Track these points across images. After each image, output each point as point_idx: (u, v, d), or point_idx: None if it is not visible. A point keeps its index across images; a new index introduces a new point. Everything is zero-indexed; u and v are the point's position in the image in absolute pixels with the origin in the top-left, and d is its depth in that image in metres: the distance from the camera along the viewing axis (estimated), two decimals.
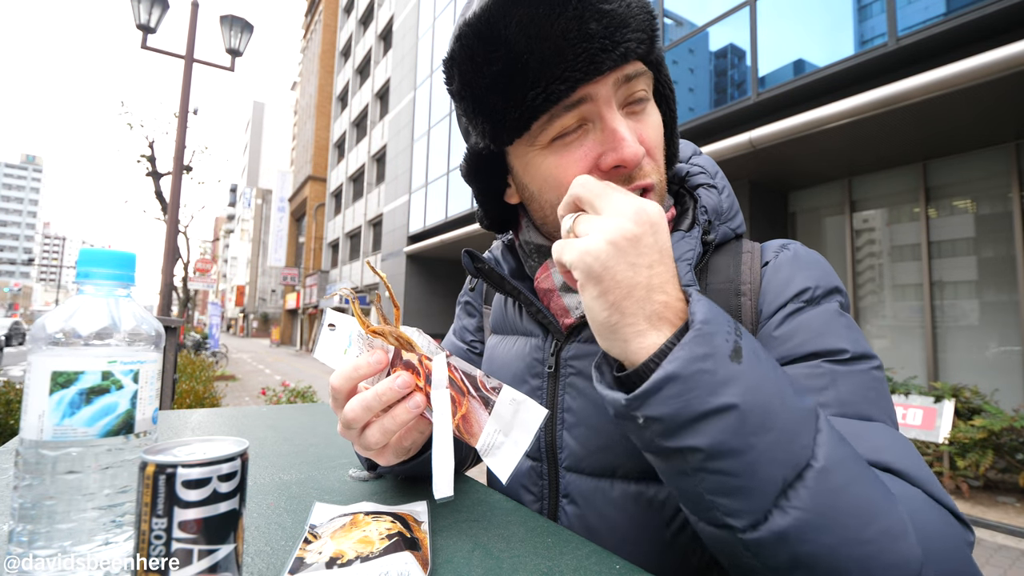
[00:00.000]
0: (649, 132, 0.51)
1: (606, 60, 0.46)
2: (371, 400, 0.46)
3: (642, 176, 0.51)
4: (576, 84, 0.47)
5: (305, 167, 36.67)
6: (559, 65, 0.46)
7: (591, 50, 0.46)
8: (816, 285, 0.52)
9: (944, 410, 4.38)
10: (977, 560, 2.41)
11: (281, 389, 6.57)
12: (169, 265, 6.62)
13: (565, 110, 0.49)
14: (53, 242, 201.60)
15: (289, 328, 40.25)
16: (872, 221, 6.65)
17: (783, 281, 0.54)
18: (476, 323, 0.79)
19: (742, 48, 6.46)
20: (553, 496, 0.57)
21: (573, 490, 0.55)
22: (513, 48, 0.47)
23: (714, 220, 0.58)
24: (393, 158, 19.14)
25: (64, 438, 0.36)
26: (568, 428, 0.56)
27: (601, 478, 0.54)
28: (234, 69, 6.86)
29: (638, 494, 0.52)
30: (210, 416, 1.05)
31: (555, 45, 0.46)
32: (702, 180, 0.62)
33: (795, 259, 0.56)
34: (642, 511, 0.52)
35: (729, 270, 0.56)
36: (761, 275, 0.55)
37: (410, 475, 0.63)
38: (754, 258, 0.57)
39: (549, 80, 0.47)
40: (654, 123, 0.52)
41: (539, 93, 0.47)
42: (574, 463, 0.55)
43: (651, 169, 0.52)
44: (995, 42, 4.28)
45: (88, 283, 0.39)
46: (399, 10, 20.01)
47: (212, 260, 33.10)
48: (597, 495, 0.54)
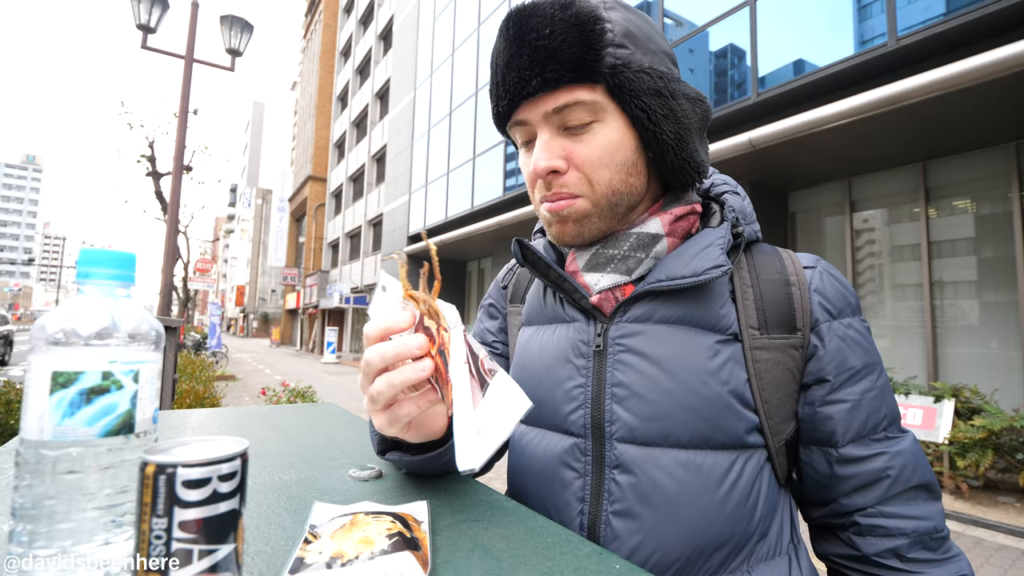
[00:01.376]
0: (583, 150, 0.58)
1: (527, 87, 0.56)
2: (387, 350, 0.47)
3: (562, 186, 0.59)
4: (515, 104, 0.59)
5: (305, 167, 36.67)
6: (503, 86, 0.59)
7: (522, 77, 0.56)
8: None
9: (944, 410, 4.38)
10: (977, 560, 2.45)
11: (281, 389, 6.57)
12: (169, 265, 6.62)
13: (515, 125, 0.61)
14: (53, 242, 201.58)
15: (289, 328, 40.25)
16: (872, 221, 6.65)
17: (838, 291, 0.63)
18: (499, 324, 0.81)
19: (742, 48, 6.46)
20: (598, 470, 0.59)
21: (625, 460, 0.58)
22: (492, 68, 0.61)
23: (741, 219, 0.65)
24: (393, 158, 19.14)
25: (64, 438, 0.36)
26: (619, 401, 0.59)
27: (653, 447, 0.57)
28: (234, 69, 6.86)
29: (688, 461, 0.56)
30: (210, 416, 1.05)
31: (503, 70, 0.59)
32: (726, 189, 0.68)
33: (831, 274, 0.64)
34: (692, 477, 0.56)
35: (776, 264, 0.63)
36: (807, 275, 0.62)
37: (420, 471, 0.63)
38: (792, 257, 0.64)
39: (499, 96, 0.60)
40: (596, 143, 0.58)
41: (501, 104, 0.60)
42: (627, 434, 0.58)
43: (576, 182, 0.59)
44: (995, 42, 4.28)
45: (88, 283, 0.39)
46: (399, 10, 20.02)
47: (212, 260, 33.11)
48: (648, 463, 0.57)
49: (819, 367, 0.60)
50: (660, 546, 0.55)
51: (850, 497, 0.59)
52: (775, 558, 0.59)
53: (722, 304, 0.60)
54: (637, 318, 0.61)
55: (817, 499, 0.63)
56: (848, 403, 0.58)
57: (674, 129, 0.59)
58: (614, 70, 0.55)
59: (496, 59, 0.60)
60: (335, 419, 1.04)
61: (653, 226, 0.63)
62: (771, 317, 0.60)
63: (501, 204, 11.68)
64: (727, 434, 0.57)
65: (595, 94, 0.57)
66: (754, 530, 0.57)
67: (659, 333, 0.59)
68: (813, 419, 0.60)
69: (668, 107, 0.58)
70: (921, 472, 0.59)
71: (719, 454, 0.57)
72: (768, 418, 0.58)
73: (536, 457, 0.64)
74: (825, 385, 0.59)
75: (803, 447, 0.62)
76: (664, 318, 0.60)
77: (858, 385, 0.59)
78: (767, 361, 0.59)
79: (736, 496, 0.56)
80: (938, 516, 0.58)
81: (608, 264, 0.63)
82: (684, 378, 0.57)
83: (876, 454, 0.58)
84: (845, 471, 0.59)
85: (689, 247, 0.61)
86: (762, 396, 0.58)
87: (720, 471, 0.56)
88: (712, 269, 0.57)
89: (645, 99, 0.57)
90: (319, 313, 28.98)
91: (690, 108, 0.61)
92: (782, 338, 0.60)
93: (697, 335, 0.59)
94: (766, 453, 0.60)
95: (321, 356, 24.42)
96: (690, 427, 0.56)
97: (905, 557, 0.56)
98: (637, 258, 0.62)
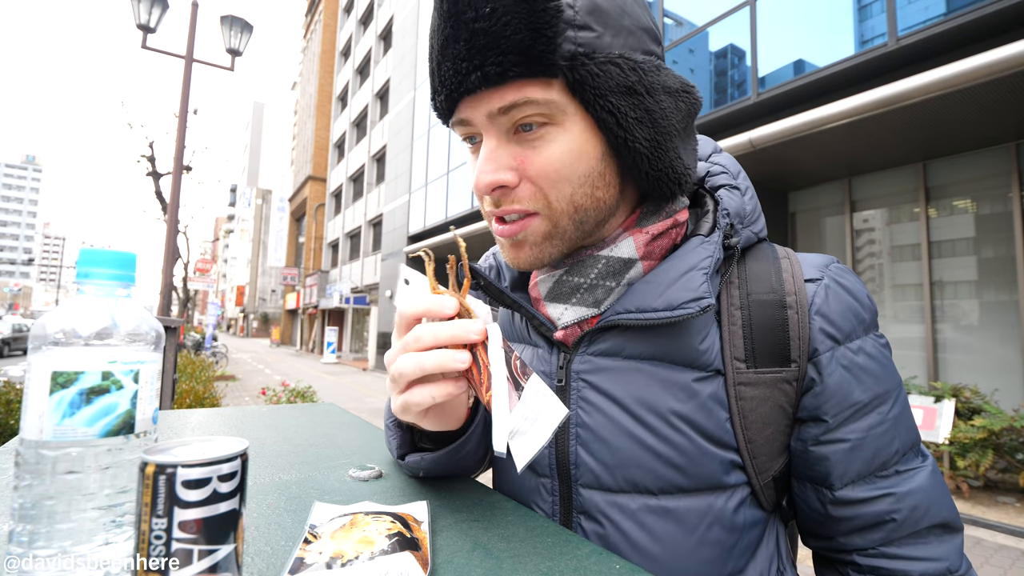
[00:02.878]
0: (536, 160, 0.48)
1: (465, 83, 0.46)
2: (442, 331, 0.43)
3: (511, 202, 0.50)
4: (453, 100, 0.48)
5: (305, 167, 36.66)
6: (438, 77, 0.48)
7: (459, 70, 0.46)
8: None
9: (944, 410, 4.38)
10: (977, 560, 2.45)
11: (281, 389, 6.57)
12: (169, 265, 6.62)
13: (457, 124, 0.51)
14: (53, 242, 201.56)
15: (289, 328, 40.24)
16: (872, 221, 6.65)
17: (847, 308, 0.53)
18: None
19: (742, 48, 6.46)
20: (565, 512, 0.54)
21: (590, 507, 0.53)
22: (428, 49, 0.50)
23: (736, 224, 0.55)
24: (393, 158, 19.13)
25: (64, 438, 0.36)
26: (583, 444, 0.53)
27: (620, 493, 0.52)
28: (234, 69, 6.86)
29: (658, 506, 0.51)
30: (210, 416, 1.05)
31: (438, 56, 0.48)
32: (723, 181, 0.59)
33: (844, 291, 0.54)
34: (662, 523, 0.51)
35: (771, 279, 0.54)
36: (808, 291, 0.53)
37: (441, 470, 0.59)
38: (793, 266, 0.54)
39: (435, 89, 0.49)
40: (550, 152, 0.48)
41: (438, 99, 0.50)
42: (591, 480, 0.53)
43: (529, 196, 0.49)
44: (995, 42, 4.28)
45: (88, 283, 0.39)
46: (399, 10, 20.01)
47: (212, 260, 33.10)
48: (615, 511, 0.52)
49: (815, 404, 0.51)
50: None
51: (848, 537, 0.52)
52: None
53: (703, 337, 0.52)
54: (603, 351, 0.53)
55: (811, 532, 0.56)
56: (848, 443, 0.50)
57: (649, 135, 0.48)
58: (573, 61, 0.45)
59: (432, 38, 0.49)
60: (335, 419, 1.04)
61: (625, 248, 0.53)
62: (760, 347, 0.52)
63: None
64: (702, 480, 0.51)
65: (550, 92, 0.46)
66: (729, 571, 0.51)
67: (626, 371, 0.52)
68: (806, 457, 0.52)
69: (643, 107, 0.47)
70: (935, 512, 0.50)
71: (694, 498, 0.51)
72: (753, 457, 0.52)
73: (511, 483, 0.61)
74: (821, 425, 0.51)
75: (796, 481, 0.55)
76: (634, 354, 0.52)
77: (862, 422, 0.51)
78: (753, 399, 0.51)
79: (712, 538, 0.50)
80: (953, 555, 0.50)
81: (573, 294, 0.55)
82: (653, 423, 0.50)
83: (880, 496, 0.50)
84: (841, 513, 0.51)
85: (666, 270, 0.52)
86: (746, 436, 0.51)
87: (695, 516, 0.50)
88: (690, 303, 0.48)
89: (613, 99, 0.46)
90: (319, 313, 28.99)
91: (671, 105, 0.50)
92: (772, 372, 0.51)
93: (672, 373, 0.51)
94: (749, 489, 0.53)
95: (321, 356, 24.41)
96: (659, 475, 0.50)
97: None
98: (606, 287, 0.54)
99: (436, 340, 0.43)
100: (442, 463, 0.57)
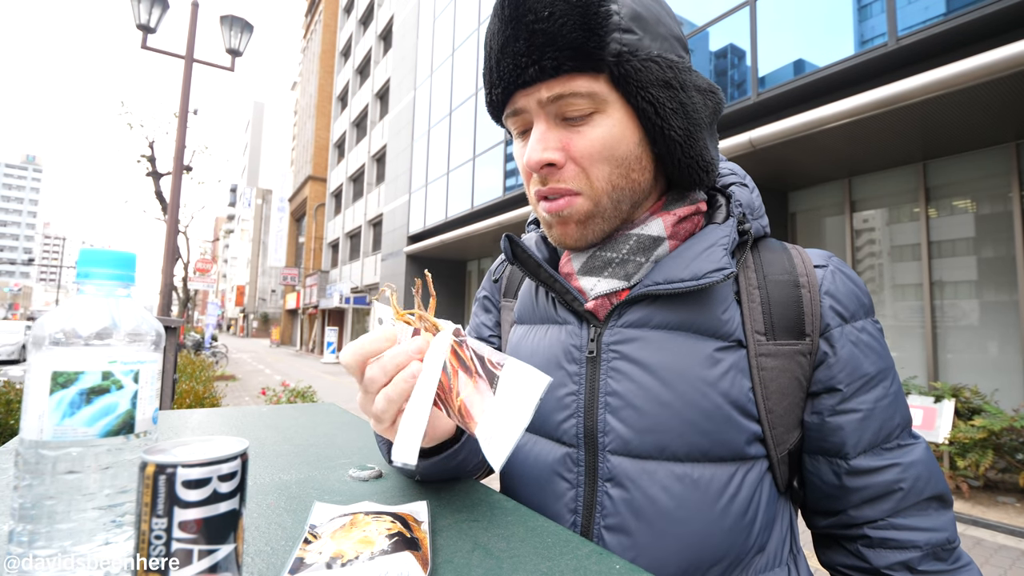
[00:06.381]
0: (580, 143, 0.54)
1: (524, 75, 0.53)
2: (386, 362, 0.47)
3: (558, 181, 0.56)
4: (509, 92, 0.55)
5: (305, 167, 36.66)
6: (497, 72, 0.55)
7: (518, 64, 0.53)
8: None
9: (944, 410, 4.38)
10: (977, 560, 2.45)
11: (281, 389, 6.58)
12: (169, 265, 6.62)
13: (512, 115, 0.57)
14: (53, 242, 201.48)
15: (289, 328, 40.23)
16: (872, 221, 6.65)
17: (851, 292, 0.59)
18: (494, 319, 0.78)
19: (742, 48, 6.46)
20: (591, 482, 0.56)
21: (619, 473, 0.55)
22: (486, 51, 0.57)
23: (748, 215, 0.61)
24: (393, 158, 19.13)
25: (64, 438, 0.36)
26: (613, 411, 0.56)
27: (648, 460, 0.54)
28: (234, 69, 6.86)
29: (684, 474, 0.54)
30: (210, 416, 1.05)
31: (498, 55, 0.55)
32: (734, 180, 0.65)
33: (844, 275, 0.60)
34: (688, 491, 0.53)
35: (784, 263, 0.60)
36: (818, 275, 0.59)
37: (435, 476, 0.60)
38: (802, 254, 0.61)
39: (493, 84, 0.56)
40: (593, 136, 0.54)
41: (495, 92, 0.56)
42: (620, 446, 0.55)
43: (573, 176, 0.55)
44: (995, 42, 4.28)
45: (88, 283, 0.39)
46: (399, 10, 20.01)
47: (212, 260, 33.10)
48: (643, 477, 0.54)
49: (829, 375, 0.56)
50: (654, 563, 0.53)
51: (859, 509, 0.56)
52: (773, 569, 0.57)
53: (725, 308, 0.57)
54: (633, 323, 0.57)
55: (823, 509, 0.60)
56: (860, 412, 0.56)
57: (683, 124, 0.54)
58: (619, 58, 0.51)
59: (490, 41, 0.56)
60: (335, 419, 1.04)
61: (655, 227, 0.59)
62: (778, 322, 0.57)
63: (501, 204, 11.68)
64: (727, 447, 0.54)
65: (597, 84, 0.52)
66: (752, 544, 0.55)
67: (656, 339, 0.56)
68: (821, 429, 0.57)
69: (678, 100, 0.54)
70: (934, 483, 0.56)
71: (717, 467, 0.54)
72: (772, 428, 0.56)
73: (528, 464, 0.62)
74: (836, 394, 0.56)
75: (809, 456, 0.59)
76: (662, 323, 0.57)
77: (871, 393, 0.56)
78: (773, 369, 0.56)
79: (735, 510, 0.54)
80: (950, 526, 0.56)
81: (605, 268, 0.60)
82: (682, 389, 0.54)
83: (888, 465, 0.55)
84: (855, 483, 0.56)
85: (690, 247, 0.57)
86: (766, 406, 0.55)
87: (718, 484, 0.54)
88: (714, 272, 0.54)
89: (652, 91, 0.53)
90: (319, 313, 28.97)
91: (701, 101, 0.56)
92: (790, 344, 0.56)
93: (697, 342, 0.56)
94: (767, 463, 0.57)
95: (321, 356, 24.41)
96: (687, 440, 0.54)
97: (916, 570, 0.54)
98: (636, 262, 0.59)
99: (385, 374, 0.47)
100: (437, 469, 0.59)
